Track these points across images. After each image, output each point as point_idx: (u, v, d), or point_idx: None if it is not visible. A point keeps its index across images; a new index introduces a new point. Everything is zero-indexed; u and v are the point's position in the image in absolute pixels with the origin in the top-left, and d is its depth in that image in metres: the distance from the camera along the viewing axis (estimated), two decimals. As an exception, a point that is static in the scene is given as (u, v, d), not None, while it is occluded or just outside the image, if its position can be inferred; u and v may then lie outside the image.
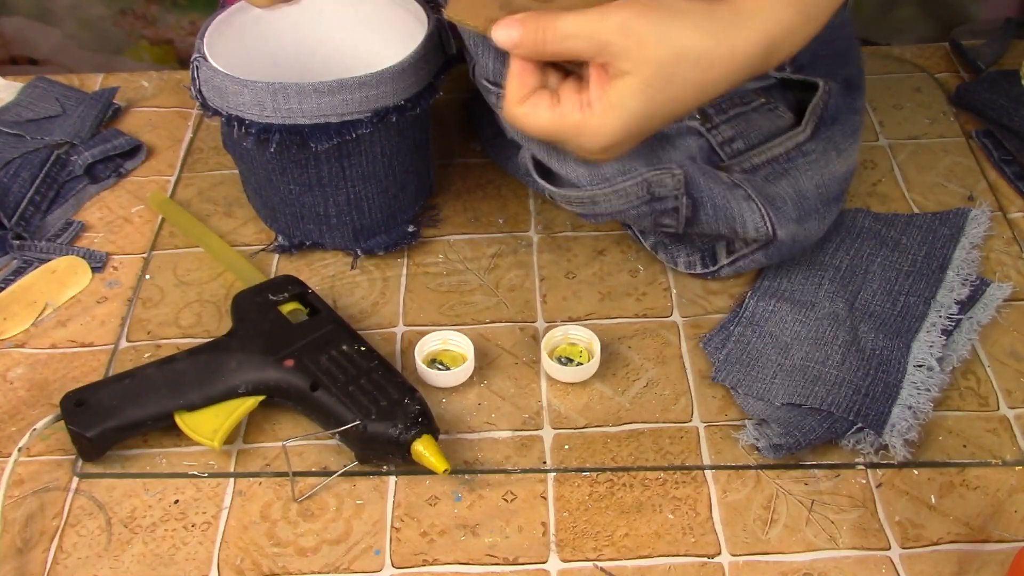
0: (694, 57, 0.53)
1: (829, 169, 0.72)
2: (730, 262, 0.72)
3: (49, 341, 0.72)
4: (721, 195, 0.67)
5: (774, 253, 0.70)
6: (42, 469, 0.64)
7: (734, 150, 0.72)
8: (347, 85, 0.68)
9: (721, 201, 0.67)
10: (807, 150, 0.72)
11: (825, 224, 0.72)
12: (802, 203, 0.70)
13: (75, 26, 1.03)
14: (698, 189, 0.67)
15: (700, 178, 0.67)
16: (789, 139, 0.72)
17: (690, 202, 0.67)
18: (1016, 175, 0.81)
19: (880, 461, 0.62)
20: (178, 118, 0.90)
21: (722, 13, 0.53)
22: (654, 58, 0.52)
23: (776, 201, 0.69)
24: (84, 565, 0.59)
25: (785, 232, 0.68)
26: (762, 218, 0.67)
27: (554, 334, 0.69)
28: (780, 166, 0.71)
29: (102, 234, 0.80)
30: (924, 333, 0.68)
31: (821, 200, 0.71)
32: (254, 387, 0.64)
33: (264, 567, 0.59)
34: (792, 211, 0.69)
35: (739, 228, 0.68)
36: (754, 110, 0.74)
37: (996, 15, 0.98)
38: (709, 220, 0.68)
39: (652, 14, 0.52)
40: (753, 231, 0.68)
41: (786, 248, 0.70)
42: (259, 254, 0.77)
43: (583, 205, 0.68)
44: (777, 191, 0.69)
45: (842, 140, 0.74)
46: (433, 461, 0.60)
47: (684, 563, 0.58)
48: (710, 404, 0.66)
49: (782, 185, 0.70)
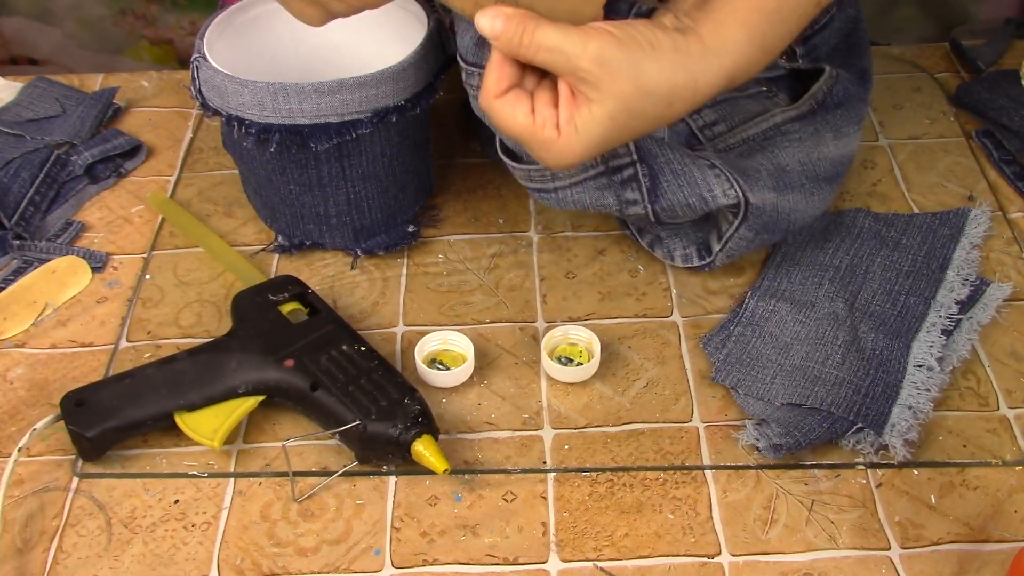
0: (660, 94, 0.55)
1: (820, 149, 0.72)
2: (722, 247, 0.71)
3: (49, 341, 0.72)
4: (679, 161, 0.67)
5: (756, 223, 0.69)
6: (42, 469, 0.64)
7: (714, 133, 0.72)
8: (347, 85, 0.68)
9: (680, 167, 0.67)
10: (788, 130, 0.72)
11: (814, 201, 0.71)
12: (781, 176, 0.69)
13: (75, 26, 1.03)
14: (653, 157, 0.67)
15: (655, 148, 0.68)
16: (767, 118, 0.72)
17: (647, 169, 0.67)
18: (1016, 175, 0.81)
19: (880, 461, 0.62)
20: (178, 118, 0.90)
21: (690, 49, 0.56)
22: (622, 93, 0.55)
23: (747, 171, 0.69)
24: (84, 565, 0.59)
25: (760, 199, 0.68)
26: (729, 183, 0.67)
27: (554, 334, 0.69)
28: (756, 143, 0.72)
29: (102, 234, 0.80)
30: (924, 333, 0.68)
31: (806, 176, 0.70)
32: (254, 387, 0.64)
33: (264, 567, 0.59)
34: (767, 180, 0.68)
35: (707, 194, 0.67)
36: (747, 96, 0.74)
37: (996, 15, 0.98)
38: (672, 189, 0.67)
39: (627, 47, 0.54)
40: (722, 196, 0.67)
41: (767, 217, 0.69)
42: (259, 254, 0.77)
43: (544, 180, 0.68)
44: (749, 163, 0.69)
45: (844, 124, 0.73)
46: (433, 461, 0.60)
47: (684, 563, 0.58)
48: (710, 404, 0.66)
49: (757, 158, 0.70)
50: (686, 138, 0.72)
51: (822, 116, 0.73)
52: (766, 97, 0.75)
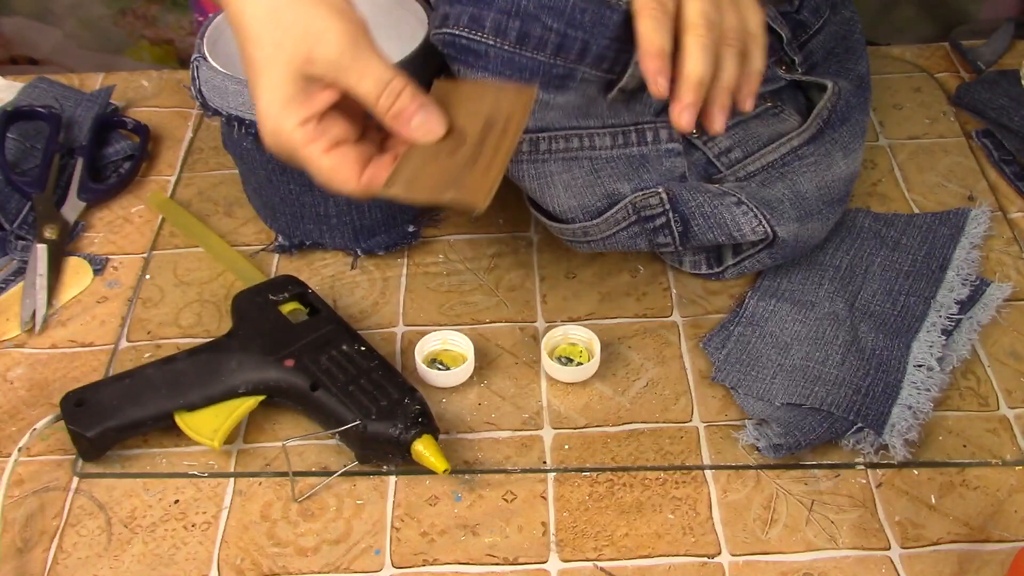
0: None
1: (832, 171, 0.72)
2: (735, 263, 0.72)
3: (49, 341, 0.72)
4: (709, 204, 0.67)
5: (778, 253, 0.70)
6: (42, 469, 0.64)
7: (731, 160, 0.72)
8: (347, 85, 0.68)
9: (710, 209, 0.67)
10: (804, 154, 0.72)
11: (829, 224, 0.72)
12: (801, 204, 0.70)
13: (75, 26, 1.03)
14: (684, 203, 0.67)
15: (685, 193, 0.67)
16: (784, 144, 0.72)
17: (678, 216, 0.67)
18: (1016, 175, 0.81)
19: (880, 461, 0.62)
20: (178, 118, 0.90)
21: None
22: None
23: (772, 203, 0.68)
24: (84, 565, 0.59)
25: (786, 231, 0.68)
26: (757, 219, 0.67)
27: (554, 334, 0.69)
28: (776, 171, 0.71)
29: (102, 234, 0.80)
30: (924, 333, 0.68)
31: (823, 201, 0.71)
32: (254, 387, 0.64)
33: (264, 567, 0.59)
34: (791, 211, 0.69)
35: (736, 233, 0.68)
36: (756, 116, 0.74)
37: (996, 15, 0.97)
38: (703, 231, 0.68)
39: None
40: (751, 234, 0.68)
41: (789, 248, 0.70)
42: (259, 254, 0.77)
43: (575, 236, 0.69)
44: (773, 194, 0.69)
45: (851, 140, 0.73)
46: (433, 461, 0.60)
47: (684, 563, 0.58)
48: (710, 404, 0.66)
49: (778, 188, 0.70)
50: (703, 166, 0.72)
51: (830, 135, 0.73)
52: (774, 115, 0.74)
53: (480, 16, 0.61)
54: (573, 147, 0.67)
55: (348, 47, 0.57)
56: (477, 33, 0.61)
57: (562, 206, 0.68)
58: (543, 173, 0.67)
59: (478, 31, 0.61)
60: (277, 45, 0.57)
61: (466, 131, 0.60)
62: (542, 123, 0.65)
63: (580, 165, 0.67)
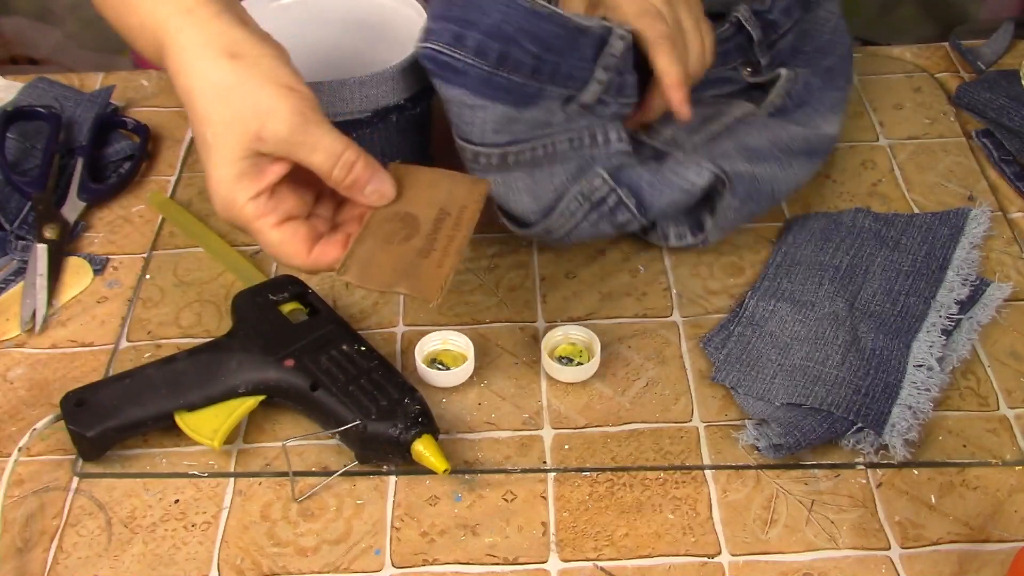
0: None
1: (787, 130, 0.74)
2: (714, 221, 0.72)
3: (49, 341, 0.72)
4: (652, 170, 0.70)
5: (740, 190, 0.71)
6: (42, 469, 0.64)
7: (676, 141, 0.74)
8: (347, 85, 0.68)
9: (653, 174, 0.70)
10: (752, 121, 0.74)
11: (792, 171, 0.73)
12: (750, 152, 0.72)
13: (75, 26, 1.03)
14: (627, 177, 0.69)
15: (627, 168, 0.70)
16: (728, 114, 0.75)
17: (627, 190, 0.69)
18: (1016, 175, 0.81)
19: (880, 461, 0.62)
20: (178, 118, 0.90)
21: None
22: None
23: (716, 152, 0.71)
24: (84, 565, 0.59)
25: (734, 168, 0.70)
26: (699, 165, 0.69)
27: (554, 334, 0.69)
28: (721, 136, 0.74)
29: (102, 234, 0.80)
30: (924, 333, 0.68)
31: (778, 149, 0.73)
32: (254, 387, 0.64)
33: (264, 567, 0.59)
34: (737, 157, 0.71)
35: (686, 185, 0.70)
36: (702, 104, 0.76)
37: (996, 15, 0.97)
38: (656, 195, 0.70)
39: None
40: (698, 178, 0.69)
41: (748, 185, 0.71)
42: (259, 254, 0.77)
43: (541, 237, 0.71)
44: (716, 148, 0.72)
45: (810, 118, 0.76)
46: (433, 461, 0.60)
47: (684, 563, 0.58)
48: (710, 404, 0.66)
49: (723, 144, 0.73)
50: (652, 158, 0.73)
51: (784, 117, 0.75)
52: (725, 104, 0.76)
53: (463, 36, 0.63)
54: (538, 155, 0.68)
55: (298, 124, 0.58)
56: (458, 52, 0.63)
57: (525, 209, 0.69)
58: (508, 180, 0.68)
59: (460, 50, 0.63)
60: (227, 125, 0.58)
61: (419, 218, 0.62)
62: (509, 137, 0.66)
63: (541, 169, 0.69)
